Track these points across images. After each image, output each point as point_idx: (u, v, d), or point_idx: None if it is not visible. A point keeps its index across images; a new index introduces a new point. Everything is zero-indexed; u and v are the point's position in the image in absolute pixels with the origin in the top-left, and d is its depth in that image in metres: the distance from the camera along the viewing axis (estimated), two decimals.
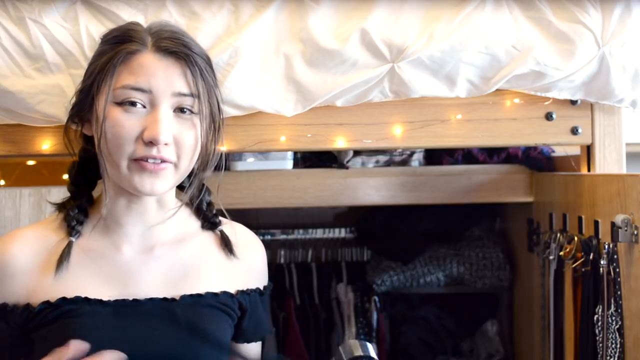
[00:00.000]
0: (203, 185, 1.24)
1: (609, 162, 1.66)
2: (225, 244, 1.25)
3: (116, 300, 1.13)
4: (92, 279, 1.14)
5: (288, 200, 1.84)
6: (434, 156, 2.05)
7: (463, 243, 2.28)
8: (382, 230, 2.29)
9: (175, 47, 1.12)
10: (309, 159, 1.99)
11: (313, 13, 1.51)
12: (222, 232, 1.26)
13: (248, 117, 1.57)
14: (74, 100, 1.18)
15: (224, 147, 1.60)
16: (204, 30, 1.48)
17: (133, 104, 1.10)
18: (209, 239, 1.26)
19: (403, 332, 2.26)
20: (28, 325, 1.12)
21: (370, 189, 1.87)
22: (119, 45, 1.12)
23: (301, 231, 2.39)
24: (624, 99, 1.58)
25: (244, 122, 1.59)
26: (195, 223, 1.26)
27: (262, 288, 1.29)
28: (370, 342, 2.14)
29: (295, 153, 1.92)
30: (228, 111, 1.53)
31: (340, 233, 2.40)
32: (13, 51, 1.46)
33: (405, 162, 2.02)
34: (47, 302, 1.11)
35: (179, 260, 1.20)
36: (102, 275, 1.15)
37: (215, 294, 1.19)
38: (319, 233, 2.39)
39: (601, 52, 1.51)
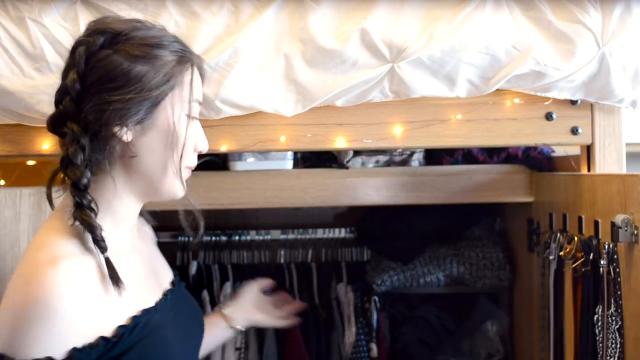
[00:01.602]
0: None
1: (609, 162, 1.66)
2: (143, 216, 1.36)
3: (156, 301, 1.17)
4: (132, 286, 1.09)
5: (288, 200, 1.84)
6: (434, 156, 2.04)
7: (463, 243, 2.28)
8: (382, 230, 2.29)
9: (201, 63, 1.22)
10: (309, 159, 1.99)
11: (313, 13, 1.51)
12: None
13: (248, 117, 1.57)
14: (116, 105, 1.08)
15: (224, 147, 1.61)
16: (204, 30, 1.48)
17: (195, 117, 1.17)
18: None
19: (403, 332, 2.26)
20: (104, 358, 1.03)
21: (370, 189, 1.87)
22: (184, 57, 1.15)
23: (301, 231, 2.39)
24: (624, 99, 1.58)
25: (244, 122, 1.59)
26: None
27: None
28: (370, 342, 2.15)
29: (295, 153, 1.92)
30: (228, 111, 1.53)
31: (340, 233, 2.40)
32: (13, 51, 1.46)
33: (405, 162, 2.01)
34: (124, 327, 1.05)
35: (152, 254, 1.31)
36: (136, 280, 1.14)
37: (176, 274, 1.37)
38: (319, 233, 2.39)
39: (601, 52, 1.51)
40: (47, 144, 1.57)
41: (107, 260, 1.05)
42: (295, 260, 2.39)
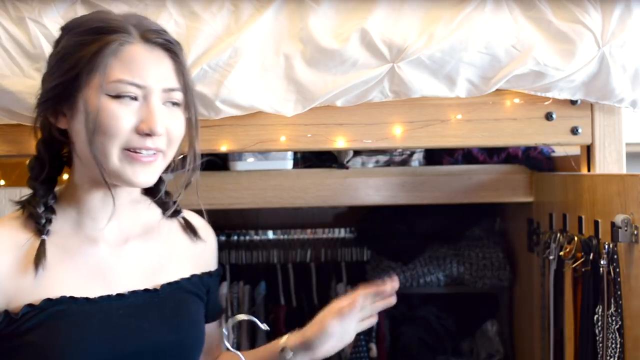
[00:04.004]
0: (162, 177, 1.23)
1: (609, 162, 1.66)
2: (190, 229, 1.28)
3: (101, 297, 1.12)
4: (73, 277, 1.12)
5: (288, 200, 1.84)
6: (434, 156, 2.05)
7: (463, 243, 2.28)
8: (382, 230, 2.29)
9: (162, 39, 1.12)
10: (309, 159, 1.99)
11: (313, 13, 1.51)
12: (184, 218, 1.28)
13: (248, 117, 1.57)
14: (48, 93, 1.13)
15: (224, 147, 1.61)
16: (204, 30, 1.48)
17: (128, 96, 1.09)
18: (171, 226, 1.27)
19: (403, 332, 2.26)
20: (6, 332, 1.07)
21: (370, 189, 1.87)
22: (104, 36, 1.09)
23: (301, 231, 2.39)
24: (624, 99, 1.58)
25: (244, 122, 1.59)
26: (156, 212, 1.26)
27: (217, 269, 1.33)
28: (370, 342, 2.15)
29: (295, 153, 1.92)
30: (228, 111, 1.53)
31: (340, 233, 2.40)
32: (13, 51, 1.46)
33: (405, 162, 2.01)
34: (31, 305, 1.07)
35: (150, 251, 1.21)
36: (82, 272, 1.13)
37: (188, 279, 1.23)
38: (318, 233, 2.39)
39: (601, 52, 1.51)
40: None
41: (42, 243, 1.10)
42: (294, 260, 2.39)
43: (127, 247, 1.19)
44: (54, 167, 1.19)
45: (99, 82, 1.07)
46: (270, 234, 2.40)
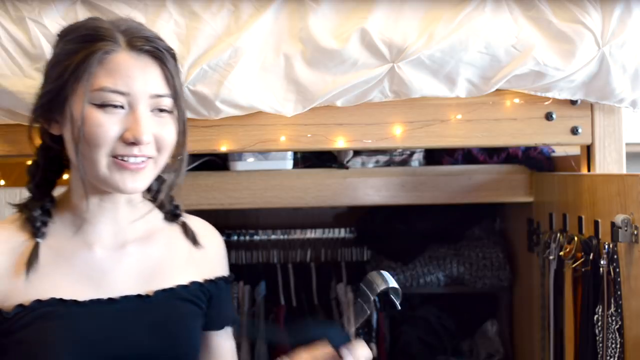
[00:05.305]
0: (164, 179, 1.22)
1: (609, 162, 1.66)
2: (189, 235, 1.26)
3: (91, 300, 1.12)
4: (65, 279, 1.13)
5: (288, 200, 1.84)
6: (434, 156, 2.05)
7: (463, 243, 2.28)
8: (382, 230, 2.29)
9: (149, 46, 1.12)
10: (309, 159, 1.99)
11: (313, 13, 1.51)
12: (184, 223, 1.27)
13: (248, 117, 1.57)
14: (40, 100, 1.15)
15: (224, 147, 1.61)
16: (204, 30, 1.48)
17: (112, 105, 1.09)
18: (173, 231, 1.26)
19: (403, 332, 2.25)
20: (3, 328, 1.10)
21: (370, 189, 1.87)
22: (90, 44, 1.10)
23: (300, 231, 2.39)
24: (624, 99, 1.58)
25: (244, 122, 1.59)
26: (158, 217, 1.25)
27: (226, 276, 1.31)
28: (370, 342, 2.15)
29: (295, 153, 1.92)
30: (228, 111, 1.53)
31: (340, 233, 2.40)
32: (13, 51, 1.46)
33: (405, 162, 2.02)
34: (21, 306, 1.09)
35: (149, 256, 1.20)
36: (75, 276, 1.14)
37: (185, 286, 1.20)
38: (318, 233, 2.39)
39: (601, 52, 1.51)
40: None
41: (36, 245, 1.13)
42: (294, 260, 2.39)
43: (124, 251, 1.18)
44: (52, 171, 1.20)
45: (84, 91, 1.08)
46: (270, 234, 2.40)
